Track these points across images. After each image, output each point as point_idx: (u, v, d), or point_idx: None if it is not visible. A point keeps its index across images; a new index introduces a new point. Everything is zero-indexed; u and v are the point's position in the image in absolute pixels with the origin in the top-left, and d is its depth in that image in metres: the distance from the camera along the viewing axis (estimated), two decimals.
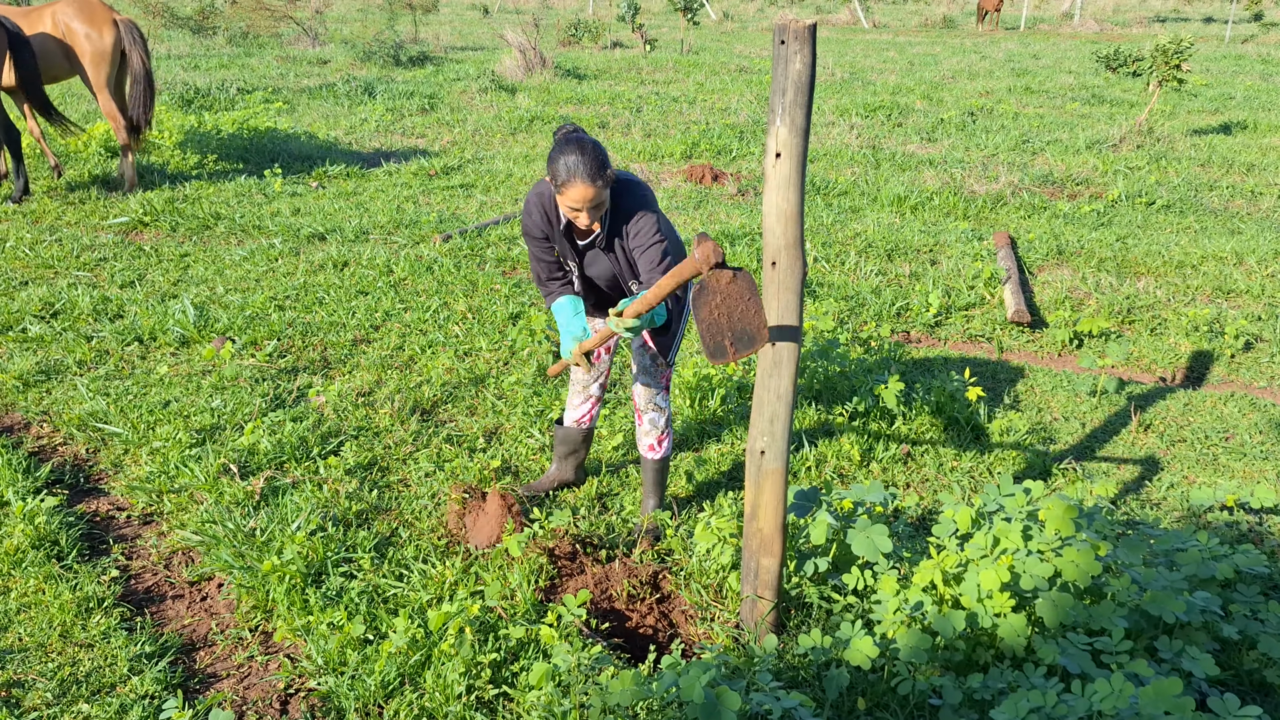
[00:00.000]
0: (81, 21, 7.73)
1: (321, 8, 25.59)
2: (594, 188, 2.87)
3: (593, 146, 2.88)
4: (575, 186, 2.86)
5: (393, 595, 3.14)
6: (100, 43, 7.79)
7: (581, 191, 2.87)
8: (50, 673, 2.81)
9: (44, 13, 7.73)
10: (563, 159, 2.86)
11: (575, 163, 2.84)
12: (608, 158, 2.92)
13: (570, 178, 2.85)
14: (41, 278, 6.07)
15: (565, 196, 2.91)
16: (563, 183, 2.87)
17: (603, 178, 2.88)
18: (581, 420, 3.71)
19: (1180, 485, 4.00)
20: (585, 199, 2.89)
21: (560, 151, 2.88)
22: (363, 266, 6.30)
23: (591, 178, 2.86)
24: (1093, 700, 2.26)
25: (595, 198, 2.90)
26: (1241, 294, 6.06)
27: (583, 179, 2.85)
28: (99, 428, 4.21)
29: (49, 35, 7.64)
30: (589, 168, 2.85)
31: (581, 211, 2.94)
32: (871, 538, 2.84)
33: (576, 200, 2.90)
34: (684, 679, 2.32)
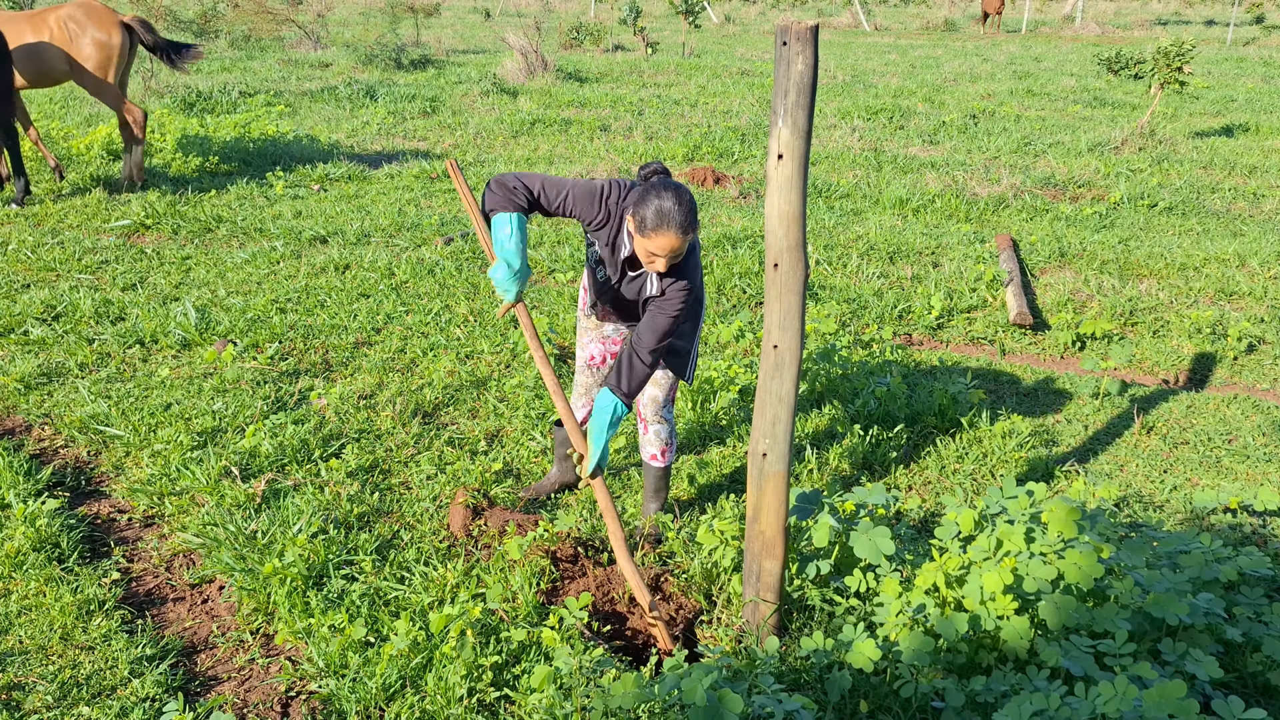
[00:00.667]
0: (89, 24, 7.76)
1: (323, 11, 25.63)
2: (681, 239, 2.75)
3: (689, 198, 2.76)
4: (664, 236, 2.73)
5: (394, 598, 3.13)
6: (109, 45, 7.84)
7: (669, 242, 2.74)
8: (51, 675, 2.81)
9: (48, 16, 7.76)
10: (658, 203, 2.72)
11: (672, 210, 2.71)
12: (697, 214, 2.80)
13: (662, 225, 2.72)
14: (43, 280, 6.07)
15: (650, 242, 2.76)
16: (653, 229, 2.73)
17: (694, 230, 2.76)
18: (582, 423, 3.70)
19: (1183, 487, 3.99)
20: (669, 249, 2.76)
21: (656, 195, 2.74)
22: (364, 269, 6.30)
23: (684, 231, 2.73)
24: (1096, 703, 2.25)
25: (678, 249, 2.78)
26: (1244, 296, 6.05)
27: (675, 230, 2.72)
28: (100, 430, 4.21)
29: (34, 37, 7.65)
30: (683, 219, 2.72)
31: (660, 259, 2.80)
32: (874, 540, 2.83)
33: (661, 249, 2.76)
34: (686, 682, 2.32)
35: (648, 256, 2.83)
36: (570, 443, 3.73)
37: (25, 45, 7.62)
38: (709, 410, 4.44)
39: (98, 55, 7.82)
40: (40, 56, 7.70)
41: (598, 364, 3.54)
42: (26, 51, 7.64)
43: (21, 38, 7.63)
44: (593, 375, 3.60)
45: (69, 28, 7.73)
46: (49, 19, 7.73)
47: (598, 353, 3.53)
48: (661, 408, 3.44)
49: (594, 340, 3.51)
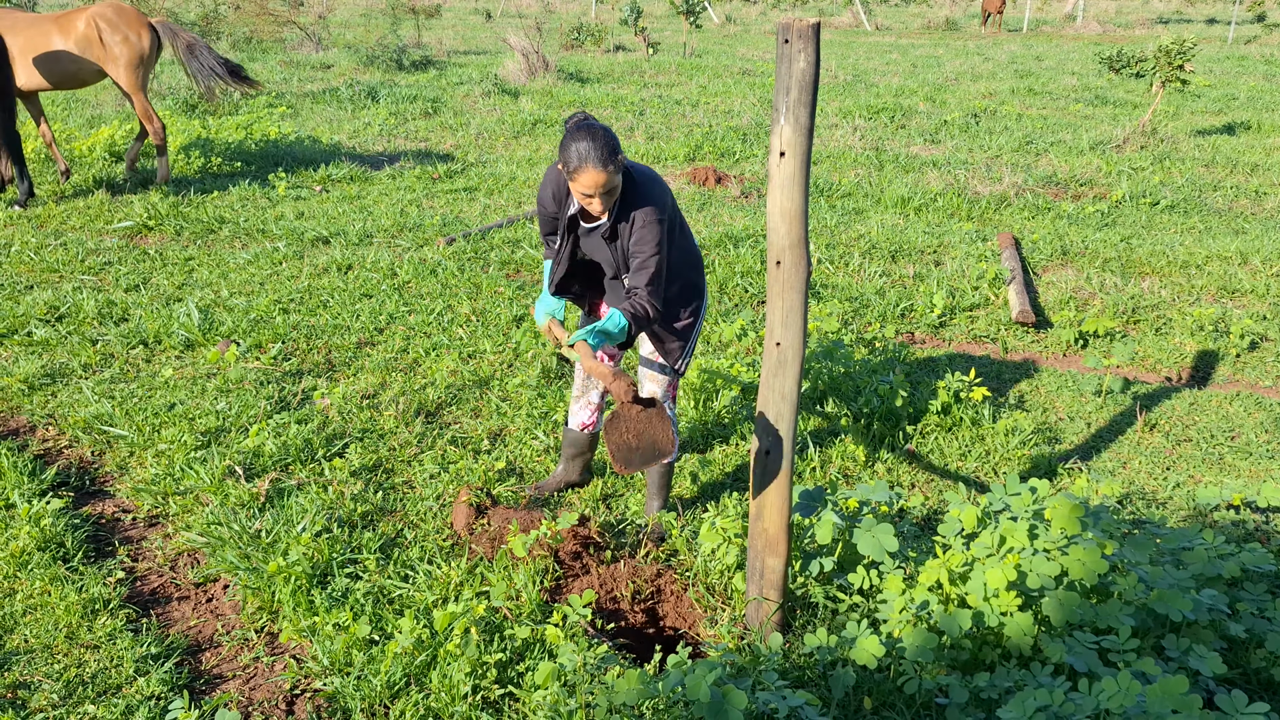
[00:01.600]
0: (119, 25, 7.84)
1: (324, 13, 25.66)
2: (605, 173, 2.87)
3: (604, 133, 2.88)
4: (586, 172, 2.86)
5: (398, 596, 3.14)
6: (139, 45, 7.93)
7: (593, 177, 2.87)
8: (56, 674, 2.82)
9: (77, 17, 7.82)
10: (574, 145, 2.86)
11: (587, 149, 2.84)
12: (618, 143, 2.92)
13: (582, 164, 2.85)
14: (46, 282, 6.09)
15: (577, 183, 2.90)
16: (574, 169, 2.87)
17: (614, 163, 2.87)
18: (585, 426, 3.71)
19: (1186, 484, 3.99)
20: (597, 184, 2.88)
21: (571, 138, 2.87)
22: (367, 270, 6.31)
23: (603, 163, 2.85)
24: (1100, 699, 2.26)
25: (607, 183, 2.89)
26: (1246, 293, 6.05)
27: (594, 164, 2.85)
28: (104, 430, 4.22)
29: (63, 39, 7.70)
30: (600, 153, 2.84)
31: (594, 197, 2.93)
32: (877, 537, 2.84)
33: (588, 185, 2.89)
34: (690, 678, 2.32)
35: (583, 199, 2.95)
36: (575, 444, 3.73)
37: (52, 46, 7.66)
38: (711, 409, 4.45)
39: (128, 55, 7.90)
40: (68, 58, 7.76)
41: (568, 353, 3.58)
42: (54, 53, 7.69)
43: (48, 38, 7.68)
44: (588, 381, 3.61)
45: (99, 27, 7.80)
46: (77, 20, 7.80)
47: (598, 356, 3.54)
48: (661, 403, 3.44)
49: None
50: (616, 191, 2.97)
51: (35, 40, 7.62)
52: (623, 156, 2.93)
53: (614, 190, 2.95)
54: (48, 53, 7.64)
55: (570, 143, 2.87)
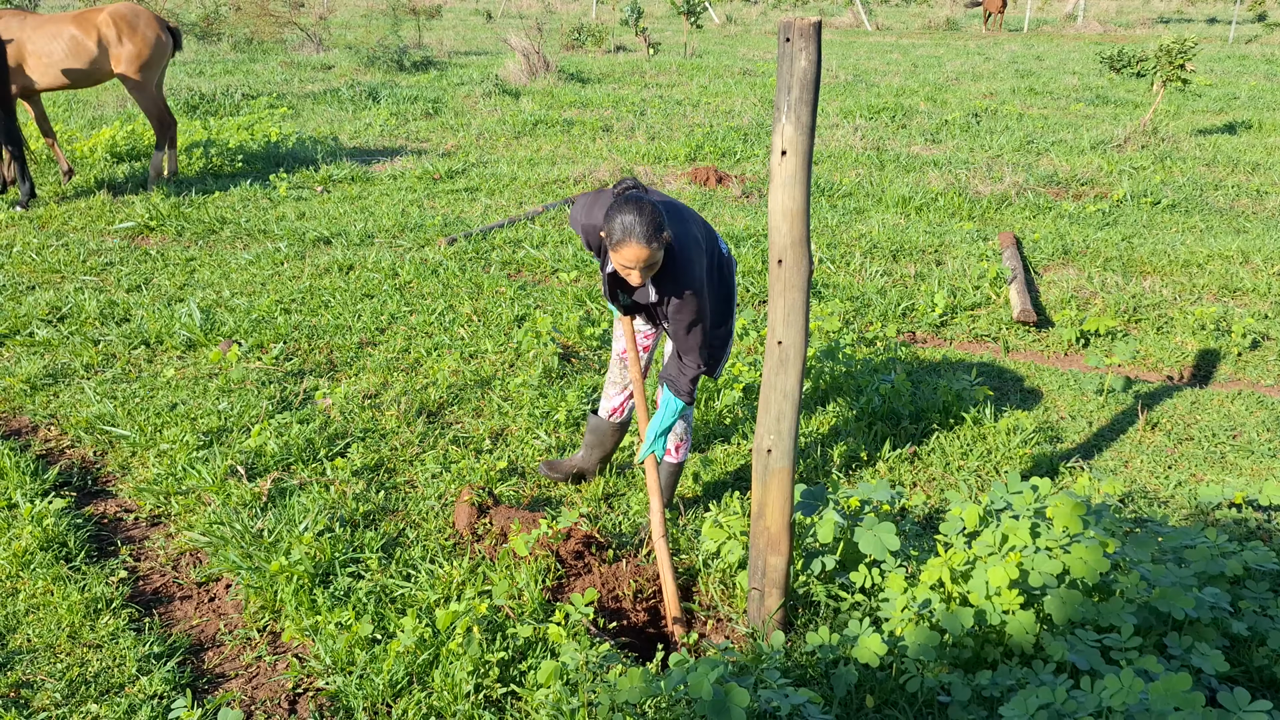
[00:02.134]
0: (139, 24, 7.94)
1: (325, 14, 25.67)
2: (648, 250, 2.84)
3: (651, 209, 2.84)
4: (629, 247, 2.83)
5: (400, 595, 3.14)
6: (158, 45, 8.06)
7: (635, 253, 2.84)
8: (59, 673, 2.82)
9: (94, 16, 7.89)
10: (620, 218, 2.83)
11: (632, 224, 2.82)
12: (664, 220, 2.89)
13: (625, 238, 2.82)
14: (48, 282, 6.09)
15: (619, 255, 2.87)
16: (617, 241, 2.85)
17: (658, 240, 2.84)
18: (614, 412, 3.71)
19: (1188, 483, 3.99)
20: (639, 260, 2.86)
21: (618, 210, 2.85)
22: (368, 270, 6.31)
23: (647, 241, 2.82)
24: (1102, 696, 2.26)
25: (648, 259, 2.87)
26: (1248, 292, 6.05)
27: (638, 241, 2.82)
28: (106, 430, 4.23)
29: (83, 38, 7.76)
30: (645, 231, 2.82)
31: (633, 271, 2.91)
32: (879, 536, 2.84)
33: (629, 260, 2.87)
34: (692, 676, 2.32)
35: (623, 270, 2.94)
36: (598, 432, 3.75)
37: (70, 45, 7.70)
38: (713, 408, 4.45)
39: (146, 55, 8.00)
40: (85, 57, 7.81)
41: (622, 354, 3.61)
42: (71, 52, 7.72)
43: (66, 38, 7.73)
44: (624, 368, 3.62)
45: (118, 27, 7.87)
46: (96, 19, 7.86)
47: None
48: None
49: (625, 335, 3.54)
50: (657, 266, 2.95)
51: (52, 40, 7.67)
52: (668, 233, 2.89)
53: (655, 266, 2.93)
54: (65, 52, 7.70)
55: (616, 214, 2.85)
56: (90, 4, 21.13)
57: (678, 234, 3.02)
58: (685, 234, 3.05)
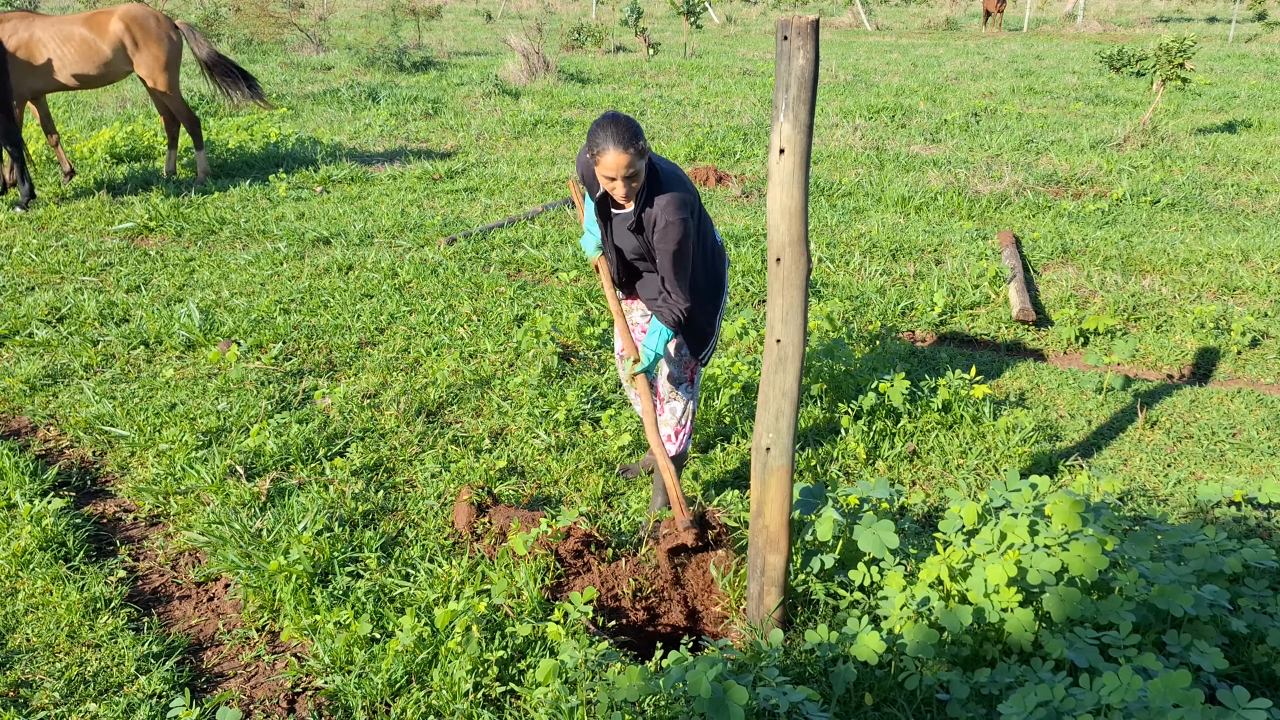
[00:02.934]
0: (150, 26, 8.02)
1: (325, 14, 25.68)
2: (626, 155, 2.95)
3: (626, 119, 2.98)
4: (608, 153, 2.95)
5: (399, 594, 3.14)
6: (175, 45, 8.18)
7: (614, 158, 2.95)
8: (58, 673, 2.82)
9: (106, 18, 7.94)
10: (598, 129, 2.98)
11: (610, 132, 2.95)
12: (641, 132, 3.00)
13: (604, 145, 2.95)
14: (48, 283, 6.09)
15: (600, 166, 2.99)
16: (598, 151, 2.97)
17: (635, 148, 2.95)
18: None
19: (1187, 481, 3.99)
20: (618, 166, 2.96)
21: (597, 124, 3.00)
22: (367, 270, 6.31)
23: (623, 145, 2.94)
24: (1101, 694, 2.25)
25: (628, 165, 2.97)
26: (1247, 291, 6.05)
27: (615, 146, 2.94)
28: (106, 430, 4.23)
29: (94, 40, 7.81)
30: (621, 136, 2.94)
31: (616, 181, 3.01)
32: (878, 534, 2.84)
33: (610, 168, 2.98)
34: (691, 674, 2.32)
35: (606, 182, 3.05)
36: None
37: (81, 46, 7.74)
38: (713, 407, 4.45)
39: (164, 57, 8.11)
40: (99, 58, 7.87)
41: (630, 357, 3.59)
42: (84, 53, 7.77)
43: (78, 39, 7.79)
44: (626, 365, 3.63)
45: (132, 30, 7.94)
46: (108, 21, 7.92)
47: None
48: (677, 385, 3.50)
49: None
50: (639, 179, 3.04)
51: (63, 42, 7.70)
52: (645, 144, 3.00)
53: (636, 176, 3.03)
54: (76, 54, 7.74)
55: (595, 128, 3.00)
56: (89, 5, 21.15)
57: (665, 167, 3.15)
58: (673, 170, 3.18)
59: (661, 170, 3.12)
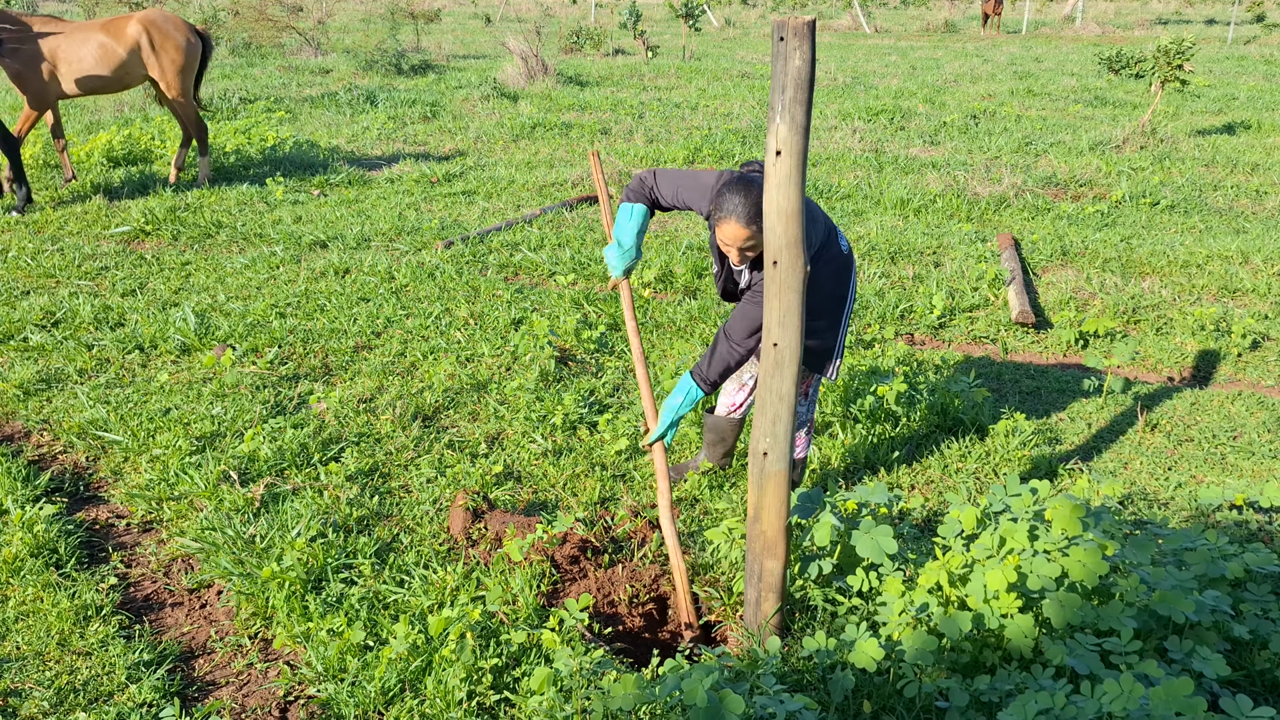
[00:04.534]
0: (170, 32, 8.09)
1: (324, 18, 25.66)
2: (746, 230, 2.91)
3: (759, 191, 2.89)
4: (729, 224, 2.92)
5: (393, 601, 3.11)
6: (193, 51, 8.24)
7: (734, 231, 2.93)
8: (48, 681, 2.79)
9: (125, 23, 7.99)
10: (728, 194, 2.93)
11: (737, 204, 2.90)
12: None
13: (727, 215, 2.92)
14: (43, 287, 6.07)
15: (720, 230, 2.96)
16: (720, 218, 2.94)
17: (759, 224, 2.89)
18: (733, 410, 3.68)
19: (1188, 484, 3.96)
20: (736, 239, 2.94)
21: (729, 188, 2.94)
22: (364, 273, 6.29)
23: (746, 222, 2.90)
24: (1102, 702, 2.23)
25: (747, 239, 2.93)
26: (1248, 293, 6.02)
27: (738, 220, 2.91)
28: (99, 435, 4.20)
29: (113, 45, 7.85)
30: (745, 211, 2.89)
31: (731, 249, 3.00)
32: (876, 539, 2.81)
33: (728, 238, 2.96)
34: (687, 683, 2.29)
35: (723, 245, 3.03)
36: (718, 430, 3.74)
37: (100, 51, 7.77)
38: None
39: (181, 61, 8.15)
40: (116, 64, 7.91)
41: None
42: (103, 59, 7.81)
43: (98, 44, 7.83)
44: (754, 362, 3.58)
45: (150, 34, 7.99)
46: (127, 26, 7.97)
47: None
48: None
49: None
50: (756, 250, 3.00)
51: (81, 46, 7.74)
52: None
53: (753, 248, 2.99)
54: (95, 59, 7.78)
55: (727, 192, 2.94)
56: (87, 8, 21.15)
57: None
58: None
59: None
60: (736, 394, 3.68)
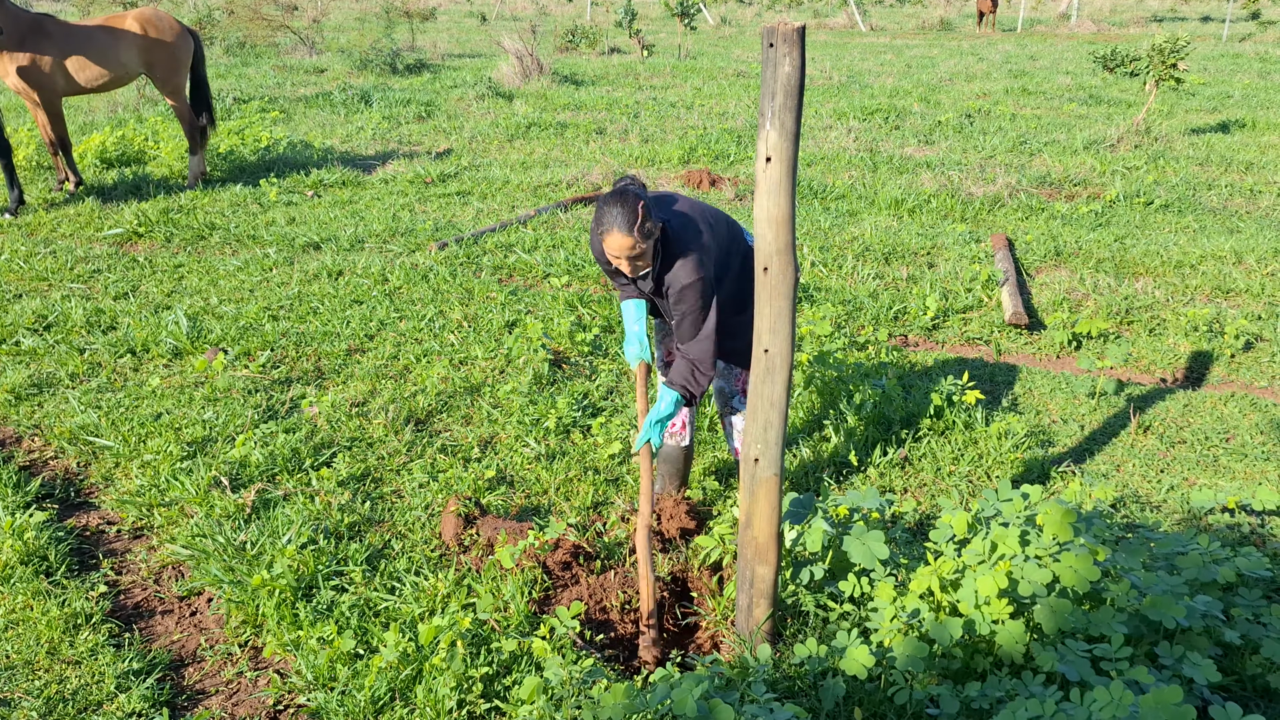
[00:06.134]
0: (164, 30, 8.17)
1: (318, 17, 25.61)
2: (629, 238, 2.90)
3: (634, 201, 2.91)
4: (611, 235, 2.92)
5: (384, 608, 3.10)
6: (186, 49, 8.32)
7: (618, 241, 2.92)
8: (37, 690, 2.78)
9: (122, 21, 8.05)
10: (605, 209, 2.93)
11: (615, 214, 2.90)
12: (649, 210, 2.93)
13: (608, 228, 2.91)
14: (35, 290, 6.05)
15: (606, 245, 2.96)
16: (602, 231, 2.94)
17: (640, 232, 2.90)
18: (674, 435, 3.65)
19: (1180, 487, 3.96)
20: (621, 248, 2.93)
21: (605, 202, 2.94)
22: (358, 275, 6.28)
23: (626, 229, 2.89)
24: (1092, 709, 2.22)
25: (631, 249, 2.93)
26: (1241, 293, 6.02)
27: (618, 230, 2.90)
28: (90, 441, 4.18)
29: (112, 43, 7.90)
30: (625, 220, 2.89)
31: (621, 260, 2.98)
32: (868, 544, 2.81)
33: (613, 250, 2.95)
34: (677, 691, 2.29)
35: (613, 259, 3.00)
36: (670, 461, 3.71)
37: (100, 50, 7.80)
38: (703, 414, 4.41)
39: (177, 58, 8.25)
40: (115, 62, 7.94)
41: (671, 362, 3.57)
42: (104, 57, 7.85)
43: (98, 43, 7.85)
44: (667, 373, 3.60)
45: (148, 31, 8.07)
46: (126, 24, 8.03)
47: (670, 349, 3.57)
48: (729, 399, 3.50)
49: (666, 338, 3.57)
50: (645, 259, 3.00)
51: (82, 44, 7.74)
52: (653, 224, 2.94)
53: (642, 256, 2.98)
54: (95, 57, 7.79)
55: (603, 205, 2.94)
56: (81, 6, 21.09)
57: (676, 227, 3.05)
58: (685, 227, 3.07)
59: (672, 230, 3.04)
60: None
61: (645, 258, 2.99)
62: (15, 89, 7.69)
